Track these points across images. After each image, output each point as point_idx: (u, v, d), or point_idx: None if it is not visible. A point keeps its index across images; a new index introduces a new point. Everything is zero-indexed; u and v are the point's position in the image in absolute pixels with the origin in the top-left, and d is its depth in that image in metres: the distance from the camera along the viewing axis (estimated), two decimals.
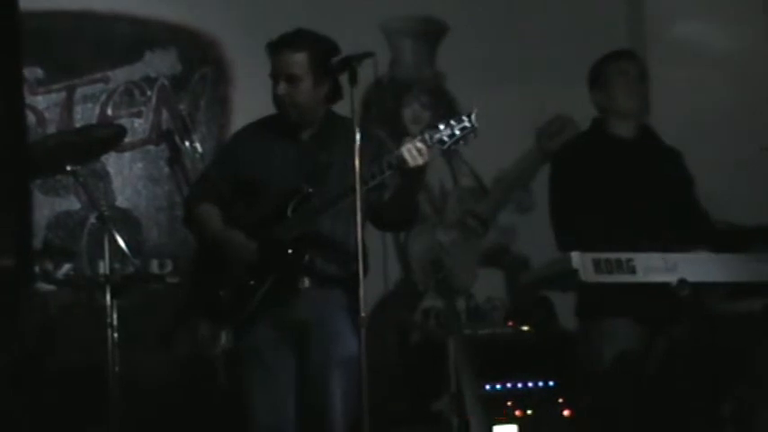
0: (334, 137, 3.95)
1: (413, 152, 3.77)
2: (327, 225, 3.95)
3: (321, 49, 4.00)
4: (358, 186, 3.65)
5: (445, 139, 3.82)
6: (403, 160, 3.78)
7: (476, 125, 3.83)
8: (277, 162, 4.07)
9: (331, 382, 3.93)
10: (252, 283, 3.97)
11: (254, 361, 4.04)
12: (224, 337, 4.06)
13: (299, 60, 3.99)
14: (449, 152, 4.05)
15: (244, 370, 4.09)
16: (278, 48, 4.02)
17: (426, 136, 3.81)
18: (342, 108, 3.87)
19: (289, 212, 3.95)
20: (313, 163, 3.99)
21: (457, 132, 3.83)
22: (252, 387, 4.04)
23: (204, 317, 4.12)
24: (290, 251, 3.93)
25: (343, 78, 3.80)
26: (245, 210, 4.08)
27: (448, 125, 3.83)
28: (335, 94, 3.99)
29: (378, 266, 4.39)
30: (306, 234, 3.91)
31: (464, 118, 3.84)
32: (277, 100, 4.04)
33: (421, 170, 3.81)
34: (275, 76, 4.03)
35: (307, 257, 3.90)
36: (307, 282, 3.93)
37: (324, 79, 3.99)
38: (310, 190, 3.92)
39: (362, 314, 3.57)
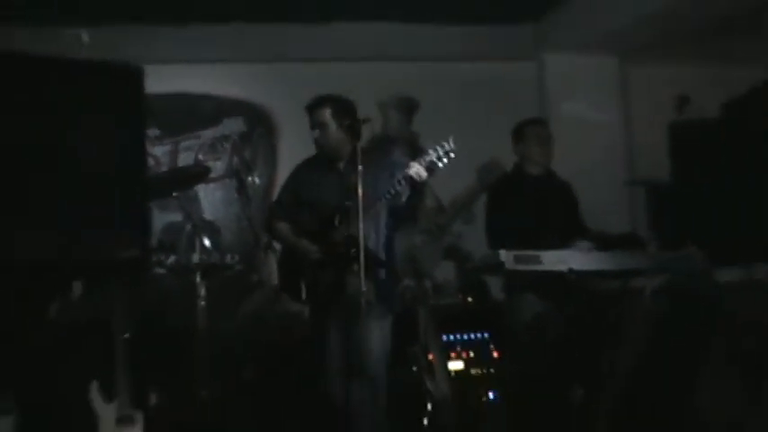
0: (358, 165, 3.78)
1: (420, 172, 3.74)
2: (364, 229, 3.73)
3: (340, 104, 3.98)
4: (360, 198, 3.60)
5: (434, 160, 3.75)
6: (410, 177, 3.75)
7: (454, 147, 3.76)
8: (324, 186, 4.01)
9: (372, 339, 3.85)
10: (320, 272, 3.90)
11: (327, 325, 3.95)
12: (306, 312, 4.08)
13: (324, 113, 3.96)
14: (432, 172, 3.96)
15: (320, 332, 3.95)
16: (311, 107, 4.02)
17: (425, 160, 3.75)
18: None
19: (336, 222, 3.87)
20: (347, 185, 3.82)
21: (442, 155, 3.75)
22: (326, 342, 3.93)
23: (291, 297, 3.97)
24: (344, 248, 3.77)
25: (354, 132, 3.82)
26: (308, 220, 4.01)
27: (436, 152, 3.75)
28: (356, 135, 3.81)
29: None
30: (350, 235, 3.75)
31: (446, 145, 3.76)
32: (315, 142, 4.02)
33: (423, 184, 3.79)
34: (312, 127, 4.00)
35: (353, 251, 3.67)
36: (355, 267, 3.65)
37: (343, 125, 3.90)
38: (348, 203, 3.77)
39: (363, 288, 3.57)
